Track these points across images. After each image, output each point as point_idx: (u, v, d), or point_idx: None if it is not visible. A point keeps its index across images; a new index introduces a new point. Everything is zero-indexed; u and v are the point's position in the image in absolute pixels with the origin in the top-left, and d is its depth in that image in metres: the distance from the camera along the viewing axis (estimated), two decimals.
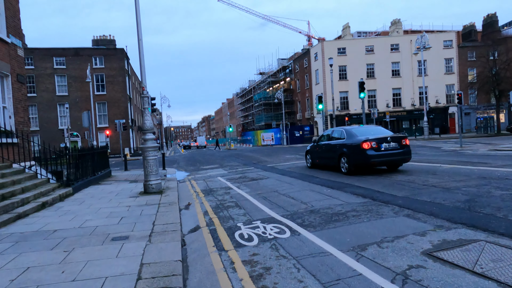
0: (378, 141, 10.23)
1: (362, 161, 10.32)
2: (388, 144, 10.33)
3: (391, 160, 10.48)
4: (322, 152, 12.64)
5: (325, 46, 50.01)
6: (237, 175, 13.20)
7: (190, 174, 15.64)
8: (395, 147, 10.38)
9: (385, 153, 10.23)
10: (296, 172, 12.50)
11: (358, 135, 10.85)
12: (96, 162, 13.84)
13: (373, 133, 10.94)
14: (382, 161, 10.34)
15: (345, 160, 10.90)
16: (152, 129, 10.00)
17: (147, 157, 9.75)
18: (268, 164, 16.66)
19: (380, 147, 10.22)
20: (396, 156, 10.40)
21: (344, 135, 11.42)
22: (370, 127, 12.13)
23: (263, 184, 10.12)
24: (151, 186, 9.72)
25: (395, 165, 11.04)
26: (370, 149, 10.15)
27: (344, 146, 11.04)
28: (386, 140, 10.34)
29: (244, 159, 22.68)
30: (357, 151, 10.38)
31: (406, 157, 10.61)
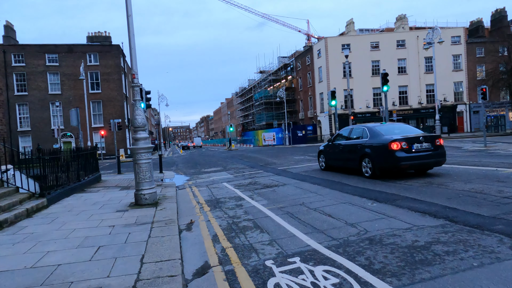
0: (409, 141, 8.77)
1: (390, 164, 8.81)
2: (421, 145, 8.84)
3: (424, 163, 8.99)
4: (339, 153, 11.11)
5: (328, 43, 48.21)
6: (245, 180, 11.33)
7: (191, 179, 13.77)
8: (428, 148, 8.90)
9: (418, 155, 8.74)
10: (316, 176, 10.64)
11: (384, 134, 9.35)
12: (83, 166, 11.96)
13: (400, 132, 9.50)
14: (414, 164, 8.80)
15: (368, 162, 9.49)
16: (145, 126, 8.14)
17: (139, 161, 7.89)
18: (279, 167, 14.80)
19: (411, 148, 8.72)
20: (430, 159, 8.92)
21: (367, 133, 9.89)
22: (396, 124, 10.75)
23: (282, 193, 8.26)
24: (144, 197, 7.85)
25: (425, 169, 9.64)
26: (400, 150, 8.67)
27: (367, 146, 9.58)
28: (418, 139, 8.85)
29: (249, 160, 20.83)
30: (384, 152, 8.91)
31: (441, 159, 9.14)
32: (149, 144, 8.13)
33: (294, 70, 61.38)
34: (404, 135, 9.04)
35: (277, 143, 52.91)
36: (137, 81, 8.05)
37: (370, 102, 48.87)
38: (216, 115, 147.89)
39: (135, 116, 8.00)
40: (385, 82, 14.64)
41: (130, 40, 7.87)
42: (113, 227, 5.83)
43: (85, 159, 12.26)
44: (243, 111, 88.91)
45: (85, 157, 12.29)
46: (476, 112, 49.42)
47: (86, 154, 12.57)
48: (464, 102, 49.33)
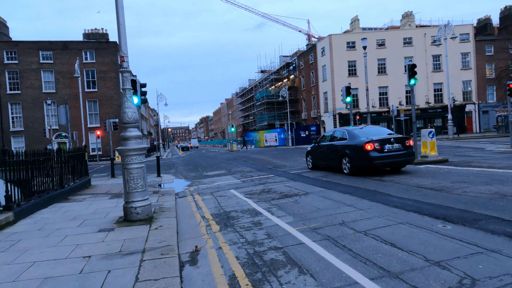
0: (381, 142, 9.84)
1: (365, 162, 9.92)
2: (392, 146, 9.94)
3: (395, 162, 10.09)
4: (323, 153, 12.17)
5: (333, 40, 46.66)
6: (256, 187, 9.71)
7: (192, 184, 12.14)
8: (399, 148, 10.02)
9: (389, 155, 9.84)
10: (341, 183, 9.02)
11: (361, 136, 10.38)
12: (68, 169, 10.33)
13: (375, 134, 10.51)
14: (385, 162, 9.92)
15: (347, 161, 10.57)
16: (137, 122, 6.51)
17: (129, 165, 6.27)
18: (291, 171, 13.17)
19: (383, 149, 9.84)
20: (401, 158, 10.03)
21: (346, 136, 10.97)
22: (373, 127, 11.85)
23: (308, 205, 6.64)
24: (135, 211, 6.23)
25: (397, 167, 10.62)
26: (373, 150, 9.77)
27: (346, 147, 10.64)
28: (389, 141, 9.94)
29: (255, 162, 19.20)
30: (360, 152, 10.01)
31: (410, 158, 10.27)
32: (142, 144, 6.50)
33: (296, 69, 59.79)
34: (378, 137, 10.02)
35: (279, 144, 51.32)
36: (127, 65, 6.43)
37: (376, 102, 47.32)
38: (215, 116, 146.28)
39: (124, 110, 6.37)
40: (413, 75, 13.04)
41: (118, 13, 6.24)
42: (89, 260, 4.19)
43: (71, 161, 10.62)
44: (244, 111, 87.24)
45: (71, 159, 10.66)
46: (485, 112, 47.86)
47: (73, 156, 10.94)
48: (473, 102, 47.78)
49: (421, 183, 7.90)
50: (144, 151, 6.54)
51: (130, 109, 6.38)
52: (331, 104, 47.58)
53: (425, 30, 47.60)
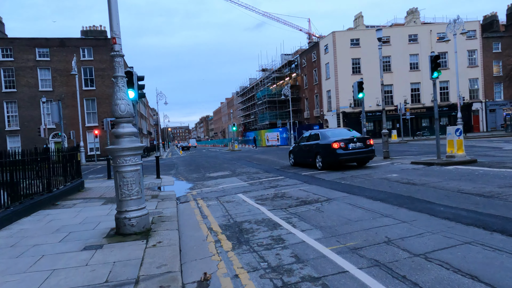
0: (346, 141, 11.64)
1: (333, 158, 11.70)
2: (355, 144, 11.74)
3: (357, 158, 11.91)
4: (302, 152, 13.92)
5: (336, 37, 45.60)
6: (267, 191, 8.66)
7: (194, 187, 11.10)
8: (361, 146, 11.82)
9: (352, 152, 11.65)
10: (365, 187, 7.98)
11: (330, 137, 12.22)
12: (56, 171, 9.29)
13: (343, 135, 12.35)
14: (349, 158, 11.72)
15: (319, 158, 12.35)
16: (131, 116, 5.47)
17: (122, 168, 5.23)
18: (302, 172, 12.11)
19: (348, 147, 11.64)
20: (362, 154, 11.86)
21: (319, 137, 12.81)
22: (342, 129, 13.90)
23: (335, 215, 5.60)
24: (129, 223, 5.19)
25: (361, 162, 12.49)
26: (339, 148, 11.54)
27: (319, 146, 12.45)
28: (353, 140, 11.73)
29: (259, 163, 18.16)
30: (329, 150, 11.79)
31: (370, 155, 12.13)
32: (137, 142, 5.46)
33: (298, 67, 58.72)
34: (344, 137, 11.86)
35: (281, 143, 50.29)
36: (119, 48, 5.38)
37: (380, 100, 46.16)
38: (215, 115, 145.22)
39: (115, 101, 5.33)
40: (436, 67, 12.02)
41: None
42: None
43: (61, 162, 9.58)
44: (244, 110, 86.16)
45: (61, 160, 9.62)
46: (492, 110, 46.82)
47: (64, 156, 9.90)
48: (480, 100, 46.74)
49: (462, 187, 6.85)
50: (140, 151, 5.50)
51: (123, 100, 5.33)
52: (335, 102, 46.56)
53: (431, 27, 46.54)
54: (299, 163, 14.37)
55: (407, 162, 12.13)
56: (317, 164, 12.42)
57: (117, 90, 5.34)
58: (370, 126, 46.58)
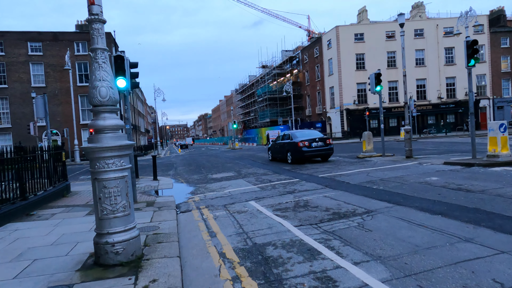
0: (309, 141, 14.18)
1: (299, 155, 14.23)
2: (317, 143, 14.25)
3: (319, 154, 14.37)
4: (278, 149, 16.34)
5: (340, 32, 44.17)
6: (284, 198, 7.27)
7: (197, 190, 9.69)
8: (322, 145, 14.33)
9: (315, 149, 14.17)
10: (407, 194, 6.58)
11: (298, 137, 14.54)
12: (34, 174, 7.86)
13: (309, 136, 14.67)
14: (312, 154, 14.22)
15: (289, 154, 14.84)
16: (115, 103, 4.05)
17: (102, 174, 3.82)
18: (318, 174, 10.70)
19: (311, 145, 14.13)
20: (322, 151, 14.35)
21: (290, 137, 15.07)
22: (309, 131, 16.16)
23: (390, 236, 4.21)
24: (113, 249, 3.78)
25: (324, 158, 14.91)
26: (304, 146, 14.05)
27: (289, 144, 14.91)
28: (315, 140, 14.28)
29: (265, 162, 16.75)
30: (296, 148, 14.26)
31: (330, 152, 14.60)
32: (124, 140, 4.04)
33: (300, 63, 57.25)
34: (308, 138, 14.28)
35: None
36: (98, 11, 3.96)
37: (386, 97, 44.82)
38: (214, 113, 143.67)
39: (93, 83, 3.90)
40: (474, 53, 10.66)
41: None
42: None
43: (40, 163, 8.15)
44: (244, 108, 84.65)
45: (40, 160, 8.19)
46: (500, 107, 45.44)
47: (43, 156, 8.46)
48: (487, 97, 45.44)
49: None
50: (129, 151, 4.08)
51: (105, 82, 3.90)
52: (338, 99, 45.17)
53: (437, 21, 45.16)
54: (275, 158, 17.03)
55: (437, 162, 10.74)
56: (288, 159, 15.11)
57: (96, 68, 3.91)
58: (374, 124, 45.21)
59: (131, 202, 4.06)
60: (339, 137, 44.33)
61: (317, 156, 14.62)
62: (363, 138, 15.34)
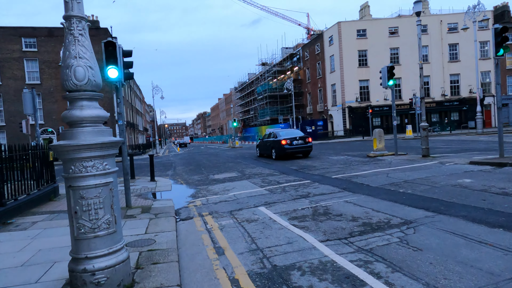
0: (291, 139, 15.69)
1: (282, 152, 15.77)
2: (297, 142, 15.76)
3: (299, 151, 15.86)
4: (265, 146, 17.84)
5: (342, 28, 43.24)
6: (298, 203, 6.39)
7: (198, 193, 8.79)
8: (302, 143, 15.86)
9: (296, 147, 15.65)
10: (445, 199, 5.70)
11: (282, 136, 16.16)
12: (14, 176, 6.95)
13: (291, 135, 16.24)
14: (293, 151, 15.70)
15: (274, 151, 16.45)
16: (96, 89, 3.13)
17: (79, 181, 2.90)
18: (332, 175, 9.79)
19: (292, 143, 15.64)
20: (302, 149, 15.84)
21: (275, 135, 16.79)
22: (292, 130, 17.86)
23: (450, 257, 3.33)
24: (93, 280, 2.86)
25: (304, 154, 16.34)
26: (286, 144, 15.55)
27: (274, 142, 16.52)
28: (296, 139, 15.81)
29: (269, 162, 15.85)
30: (279, 145, 15.81)
31: (309, 149, 16.11)
32: (107, 136, 3.12)
33: (301, 61, 56.28)
34: (290, 136, 15.82)
35: None
36: None
37: (389, 94, 43.89)
38: (213, 112, 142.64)
39: (67, 61, 2.98)
40: (503, 42, 9.75)
41: None
42: None
43: (21, 164, 7.22)
44: (243, 106, 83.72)
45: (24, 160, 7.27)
46: (505, 105, 44.66)
47: (26, 156, 7.54)
48: (492, 94, 44.58)
49: None
50: (114, 150, 3.17)
51: (82, 60, 2.99)
52: (340, 97, 44.28)
53: (441, 17, 44.26)
54: (262, 154, 18.72)
55: (461, 162, 9.84)
56: (273, 156, 16.71)
57: (71, 41, 2.99)
58: (377, 122, 44.38)
59: (118, 215, 3.16)
60: (341, 135, 43.47)
61: (298, 153, 16.11)
62: (373, 135, 14.44)
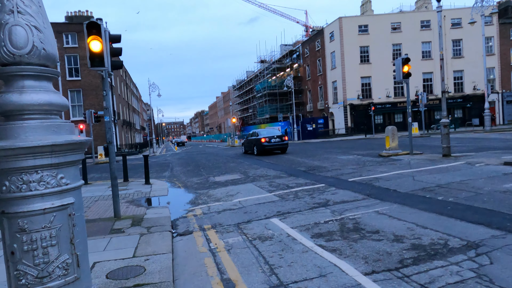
0: (269, 138, 18.44)
1: (261, 148, 18.36)
2: (275, 140, 18.49)
3: (277, 148, 18.65)
4: (249, 144, 20.70)
5: (343, 23, 42.20)
6: (318, 214, 5.36)
7: (197, 199, 7.75)
8: (279, 141, 18.62)
9: (273, 144, 18.41)
10: (503, 211, 4.66)
11: (262, 135, 18.93)
12: None
13: (270, 134, 18.99)
14: (271, 148, 18.43)
15: (255, 148, 19.12)
16: (48, 62, 2.06)
17: (18, 206, 1.83)
18: (347, 177, 8.76)
19: (270, 141, 18.37)
20: (279, 146, 18.63)
21: (257, 134, 19.60)
22: (271, 130, 20.99)
23: None
24: None
25: (281, 151, 19.19)
26: (265, 142, 18.27)
27: (255, 140, 19.23)
28: (274, 137, 18.52)
29: (274, 162, 14.82)
30: (259, 143, 18.50)
31: (285, 146, 18.92)
32: (64, 134, 2.05)
33: (300, 57, 55.23)
34: (269, 135, 18.67)
35: None
36: None
37: (391, 91, 43.04)
38: (211, 110, 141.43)
39: (2, 18, 1.92)
40: None
41: None
42: None
43: None
44: (242, 104, 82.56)
45: None
46: (509, 102, 43.80)
47: None
48: (496, 91, 43.69)
49: None
50: (77, 154, 2.10)
51: (24, 17, 1.92)
52: (341, 94, 43.27)
53: (445, 12, 43.12)
54: (247, 151, 21.32)
55: (492, 162, 8.82)
56: (254, 152, 19.23)
57: None
58: (379, 119, 43.42)
59: (84, 253, 2.10)
60: (342, 133, 42.44)
61: (276, 149, 18.79)
62: (386, 133, 13.42)
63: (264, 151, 18.24)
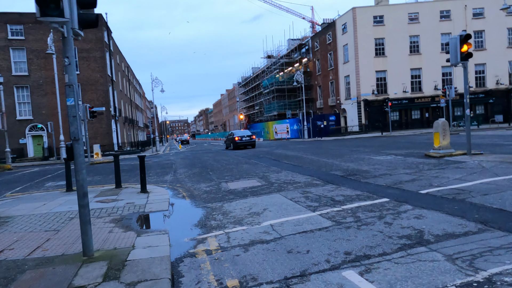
0: (241, 137, 25.51)
1: (235, 145, 25.30)
2: (245, 138, 25.52)
3: (246, 144, 25.50)
4: (228, 141, 27.63)
5: (357, 14, 39.70)
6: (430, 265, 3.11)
7: (209, 217, 5.47)
8: (249, 139, 25.72)
9: (244, 141, 25.41)
10: None
11: (236, 135, 26.05)
12: None
13: (242, 134, 26.22)
14: (242, 144, 25.38)
15: (232, 144, 25.97)
16: None
17: None
18: (411, 188, 6.45)
19: (242, 139, 25.39)
20: (248, 143, 25.61)
21: (233, 134, 26.67)
22: (243, 131, 28.66)
23: None
24: None
25: (250, 146, 25.86)
26: (238, 140, 25.27)
27: (232, 139, 26.28)
28: (245, 136, 25.62)
29: (295, 163, 12.52)
30: (234, 140, 25.51)
31: (253, 142, 25.97)
32: None
33: (310, 52, 52.69)
34: (241, 135, 25.92)
35: (291, 136, 44.65)
36: None
37: (408, 86, 40.48)
38: (216, 108, 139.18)
39: None
40: None
41: None
42: None
43: None
44: (247, 101, 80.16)
45: None
46: None
47: None
48: None
49: None
50: None
51: None
52: (355, 89, 40.79)
53: (466, 1, 40.52)
54: (227, 147, 27.82)
55: None
56: (230, 147, 26.57)
57: None
58: (395, 116, 40.91)
59: None
60: (356, 131, 39.90)
61: (245, 146, 25.61)
62: (435, 129, 11.05)
63: (237, 147, 25.36)
